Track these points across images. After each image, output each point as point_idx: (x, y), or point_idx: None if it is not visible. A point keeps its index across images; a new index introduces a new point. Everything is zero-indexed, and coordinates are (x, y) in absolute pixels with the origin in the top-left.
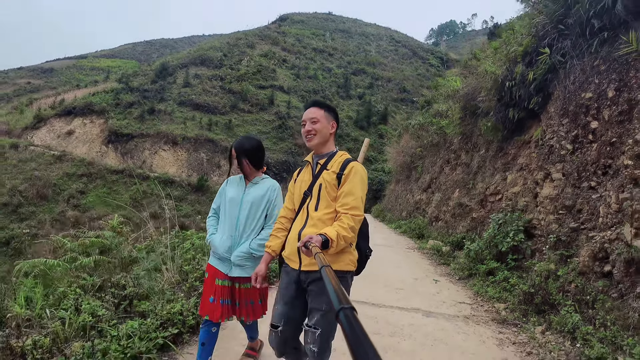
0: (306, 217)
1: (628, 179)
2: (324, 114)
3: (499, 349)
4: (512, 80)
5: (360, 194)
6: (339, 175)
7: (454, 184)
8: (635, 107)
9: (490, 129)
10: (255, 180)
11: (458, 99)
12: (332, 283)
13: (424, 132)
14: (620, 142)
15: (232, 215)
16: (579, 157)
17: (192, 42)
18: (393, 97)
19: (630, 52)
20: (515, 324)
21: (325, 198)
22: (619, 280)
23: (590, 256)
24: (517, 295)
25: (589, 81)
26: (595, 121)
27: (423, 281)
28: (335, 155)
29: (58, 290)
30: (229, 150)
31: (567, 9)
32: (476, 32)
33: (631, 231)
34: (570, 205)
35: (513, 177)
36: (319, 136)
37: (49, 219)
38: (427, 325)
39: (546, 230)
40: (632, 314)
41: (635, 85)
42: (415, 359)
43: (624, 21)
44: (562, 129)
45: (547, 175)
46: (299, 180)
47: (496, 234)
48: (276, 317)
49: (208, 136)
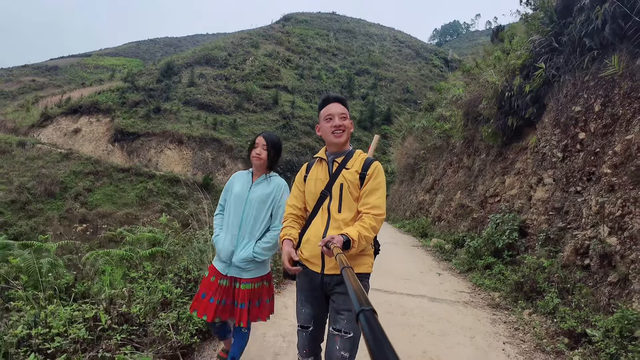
0: (327, 219)
1: (606, 185)
2: (347, 112)
3: (492, 326)
4: (510, 91)
5: (384, 193)
6: (362, 175)
7: (456, 186)
8: (617, 122)
9: (490, 135)
10: (263, 177)
11: (461, 105)
12: (353, 285)
13: (427, 135)
14: (603, 153)
15: (237, 212)
16: (567, 165)
17: (196, 41)
18: (396, 98)
19: (614, 73)
20: (507, 308)
21: (347, 198)
22: (594, 271)
23: (572, 251)
24: (510, 284)
25: (578, 95)
26: (582, 132)
27: (427, 274)
28: (353, 153)
29: (130, 275)
30: (253, 139)
31: (562, 28)
32: (480, 33)
33: (606, 230)
34: (559, 207)
35: (511, 181)
36: (347, 133)
37: (56, 216)
38: (431, 307)
39: (538, 229)
40: (602, 297)
41: (618, 102)
42: (423, 330)
43: (611, 42)
44: (554, 138)
45: (540, 180)
46: (311, 178)
47: (494, 233)
48: (306, 318)
49: (213, 135)
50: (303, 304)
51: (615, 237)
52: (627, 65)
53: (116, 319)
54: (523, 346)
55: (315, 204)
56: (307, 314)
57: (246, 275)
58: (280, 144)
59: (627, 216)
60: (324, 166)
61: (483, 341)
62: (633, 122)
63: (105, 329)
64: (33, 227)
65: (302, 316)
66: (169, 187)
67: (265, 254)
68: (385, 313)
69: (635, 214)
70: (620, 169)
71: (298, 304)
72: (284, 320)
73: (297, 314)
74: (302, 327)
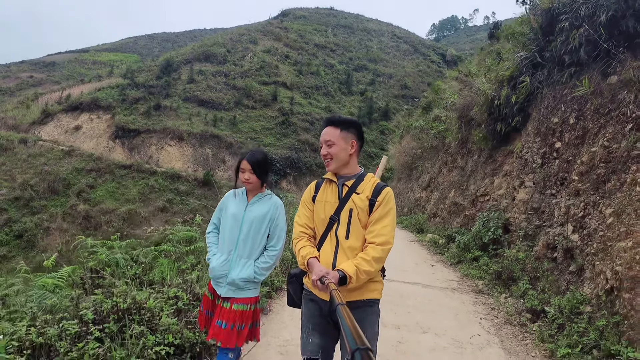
0: (336, 245)
1: (573, 190)
2: (340, 135)
3: (473, 306)
4: (499, 100)
5: (392, 222)
6: (372, 202)
7: (450, 185)
8: (587, 134)
9: (481, 138)
10: (258, 197)
11: (455, 110)
12: (348, 322)
13: (424, 135)
14: (574, 161)
15: (233, 233)
16: (545, 170)
17: (194, 36)
18: (394, 94)
19: (584, 93)
20: (488, 293)
21: (356, 224)
22: (559, 262)
23: (544, 246)
24: (491, 274)
25: (557, 108)
26: (559, 142)
27: (422, 265)
28: (364, 177)
29: (179, 266)
30: (238, 162)
31: (545, 44)
32: (477, 28)
33: (570, 228)
34: (537, 208)
35: (499, 182)
36: (335, 160)
37: (60, 212)
38: (425, 292)
39: (518, 227)
40: (563, 283)
41: (589, 117)
42: (417, 309)
43: (586, 62)
44: (535, 146)
45: (522, 182)
46: (320, 199)
47: (481, 229)
48: (313, 349)
49: (213, 132)
50: (311, 334)
51: (577, 234)
52: (598, 83)
53: (191, 297)
54: (495, 320)
55: (325, 229)
56: (316, 344)
57: (242, 295)
58: (266, 160)
59: (587, 217)
60: (333, 188)
61: (464, 316)
62: (599, 135)
63: (186, 303)
64: (37, 223)
65: (310, 347)
66: (170, 184)
67: (264, 274)
68: (385, 296)
69: (593, 215)
70: (585, 177)
71: (304, 333)
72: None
73: (302, 346)
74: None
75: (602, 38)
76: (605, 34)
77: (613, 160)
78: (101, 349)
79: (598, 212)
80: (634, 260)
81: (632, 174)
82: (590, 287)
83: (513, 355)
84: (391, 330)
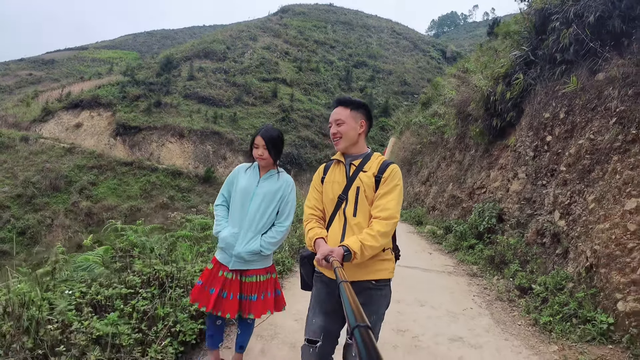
0: (344, 223)
1: (561, 180)
2: (349, 114)
3: (467, 286)
4: (495, 96)
5: (398, 197)
6: (378, 178)
7: (449, 179)
8: (575, 128)
9: (478, 133)
10: (270, 173)
11: (453, 106)
12: (349, 299)
13: (423, 130)
14: (563, 153)
15: (243, 206)
16: (536, 162)
17: (193, 33)
18: (394, 90)
19: (573, 90)
20: (481, 276)
21: (363, 202)
22: (547, 247)
23: (534, 232)
24: (485, 258)
25: (549, 103)
26: (549, 136)
27: (421, 253)
28: (371, 156)
29: (197, 249)
30: (252, 138)
31: (538, 42)
32: (477, 24)
33: (557, 215)
34: (529, 198)
35: (495, 174)
36: (345, 139)
37: (62, 209)
38: (423, 275)
39: (511, 216)
40: (550, 265)
41: (577, 111)
42: (416, 287)
43: (576, 60)
44: (527, 140)
45: (515, 174)
46: (329, 180)
47: (477, 219)
48: (315, 330)
49: (214, 129)
50: (316, 314)
51: (564, 220)
52: (587, 79)
53: None
54: (487, 297)
55: (334, 209)
56: (318, 325)
57: (250, 267)
58: (281, 138)
59: (572, 204)
60: (341, 168)
61: (459, 294)
62: (585, 129)
63: None
64: (40, 220)
65: (312, 327)
66: (171, 180)
67: (271, 248)
68: None
69: (578, 202)
70: (572, 167)
71: (310, 314)
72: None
73: (306, 327)
74: (309, 342)
75: (589, 38)
76: (592, 35)
77: (597, 152)
78: (148, 306)
79: (582, 199)
80: (610, 239)
81: (613, 163)
82: (573, 266)
83: (501, 324)
84: (392, 303)
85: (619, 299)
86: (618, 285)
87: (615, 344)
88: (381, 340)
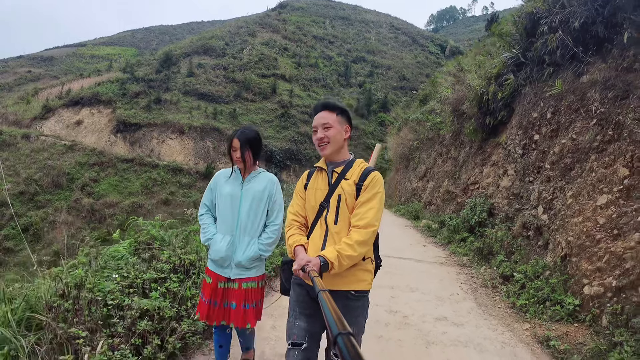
0: (325, 231)
1: (546, 177)
2: (336, 118)
3: (456, 275)
4: (487, 96)
5: (378, 205)
6: (359, 186)
7: (445, 174)
8: (560, 128)
9: (472, 131)
10: (253, 174)
11: (449, 104)
12: (329, 308)
13: (420, 127)
14: (548, 151)
15: (233, 212)
16: (525, 160)
17: (191, 28)
18: (393, 85)
19: (558, 93)
20: (470, 266)
21: (344, 210)
22: (531, 239)
23: (520, 225)
24: (474, 250)
25: (537, 104)
26: (537, 135)
27: (416, 246)
28: (353, 163)
29: None
30: (229, 141)
31: (529, 45)
32: (476, 19)
33: (541, 209)
34: (517, 193)
35: (487, 171)
36: (332, 144)
37: (65, 206)
38: (416, 265)
39: (501, 210)
40: (532, 255)
41: (563, 112)
42: (408, 276)
43: (561, 63)
44: (517, 138)
45: (505, 171)
46: (311, 187)
47: (469, 213)
48: (299, 333)
49: (213, 125)
50: (297, 317)
51: (546, 214)
52: (572, 82)
53: None
54: (473, 285)
55: (315, 216)
56: (302, 328)
57: (249, 274)
58: (257, 137)
59: (554, 200)
60: (323, 176)
61: (448, 282)
62: (569, 129)
63: None
64: (43, 217)
65: (295, 330)
66: (172, 177)
67: (269, 249)
68: (383, 267)
69: (559, 198)
70: (555, 165)
71: (291, 318)
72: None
73: (287, 331)
74: (294, 345)
75: (572, 43)
76: (577, 40)
77: (578, 151)
78: (178, 288)
79: (563, 195)
80: (582, 231)
81: (590, 162)
82: (551, 256)
83: (482, 307)
84: (386, 289)
85: (585, 284)
86: (586, 272)
87: (580, 323)
88: (375, 319)
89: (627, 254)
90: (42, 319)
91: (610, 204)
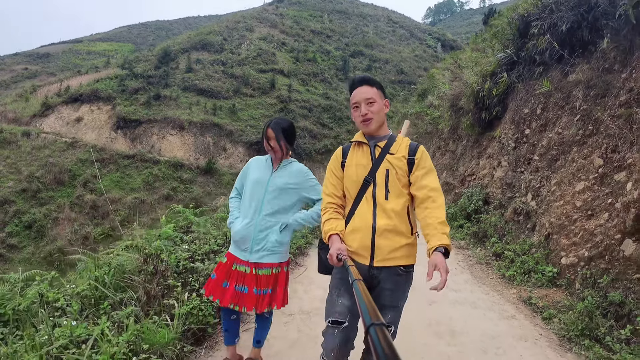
0: (373, 207)
1: (534, 167)
2: (376, 92)
3: (455, 255)
4: (483, 92)
5: (435, 174)
6: (411, 160)
7: (443, 167)
8: (548, 123)
9: (469, 125)
10: (283, 164)
11: (447, 99)
12: (364, 298)
13: (419, 121)
14: (537, 145)
15: (257, 198)
16: (516, 152)
17: (188, 23)
18: (391, 79)
19: (546, 91)
20: (467, 248)
21: (395, 185)
22: (521, 223)
23: (512, 211)
24: (470, 234)
25: (528, 100)
26: (528, 129)
27: None
28: (395, 138)
29: None
30: (264, 130)
31: (522, 45)
32: (474, 12)
33: (530, 197)
34: (509, 183)
35: (483, 163)
36: (377, 119)
37: (67, 203)
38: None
39: (495, 198)
40: (521, 237)
41: (551, 108)
42: None
43: (550, 63)
44: (510, 132)
45: (499, 163)
46: (350, 163)
47: (466, 202)
48: (342, 311)
49: (213, 120)
50: (341, 294)
51: (534, 201)
52: (559, 80)
53: None
54: (469, 262)
55: (358, 192)
56: (345, 305)
57: (267, 260)
58: (292, 128)
59: (541, 188)
60: (364, 151)
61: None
62: (556, 124)
63: None
64: (46, 214)
65: (338, 308)
66: (173, 172)
67: (301, 224)
68: None
69: (545, 186)
70: (543, 157)
71: (333, 296)
72: None
73: (328, 309)
74: (335, 324)
75: (559, 46)
76: (564, 42)
77: (563, 144)
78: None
79: (548, 183)
80: (562, 213)
81: (572, 153)
82: (537, 236)
83: (477, 278)
84: None
85: (563, 256)
86: (564, 246)
87: (558, 287)
88: None
89: (597, 230)
90: (134, 279)
91: (587, 190)
